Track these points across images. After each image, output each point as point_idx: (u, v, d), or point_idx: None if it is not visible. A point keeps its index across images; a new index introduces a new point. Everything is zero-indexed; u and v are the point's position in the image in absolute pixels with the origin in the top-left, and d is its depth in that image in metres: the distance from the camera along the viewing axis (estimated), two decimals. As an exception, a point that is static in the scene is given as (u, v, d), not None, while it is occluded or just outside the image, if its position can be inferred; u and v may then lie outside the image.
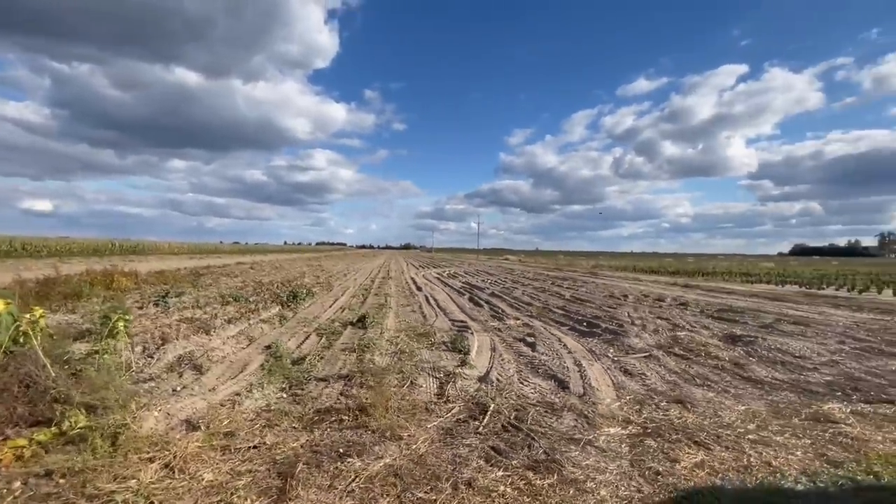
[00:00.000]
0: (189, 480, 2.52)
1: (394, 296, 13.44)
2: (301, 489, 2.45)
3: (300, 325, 8.16)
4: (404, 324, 8.37)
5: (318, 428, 3.37)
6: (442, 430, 3.35)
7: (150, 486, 2.44)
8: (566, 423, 3.51)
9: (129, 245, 54.90)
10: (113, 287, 13.43)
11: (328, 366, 5.21)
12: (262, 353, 5.88)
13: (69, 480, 2.54)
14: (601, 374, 4.96)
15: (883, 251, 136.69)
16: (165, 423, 3.41)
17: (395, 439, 3.15)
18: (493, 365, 5.27)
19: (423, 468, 2.72)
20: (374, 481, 2.55)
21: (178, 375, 4.71)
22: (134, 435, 3.10)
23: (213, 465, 2.72)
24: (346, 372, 4.89)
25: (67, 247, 44.56)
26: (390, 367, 5.07)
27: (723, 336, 7.03)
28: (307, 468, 2.66)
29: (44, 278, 12.12)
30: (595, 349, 6.21)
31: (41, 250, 40.58)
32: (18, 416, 3.30)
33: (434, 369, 5.13)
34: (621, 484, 2.52)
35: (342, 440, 3.12)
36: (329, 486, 2.51)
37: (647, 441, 3.12)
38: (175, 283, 15.52)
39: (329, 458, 2.84)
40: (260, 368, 5.07)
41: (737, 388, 4.48)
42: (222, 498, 2.37)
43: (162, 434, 3.22)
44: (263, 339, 6.79)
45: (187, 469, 2.64)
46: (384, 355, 5.65)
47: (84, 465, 2.71)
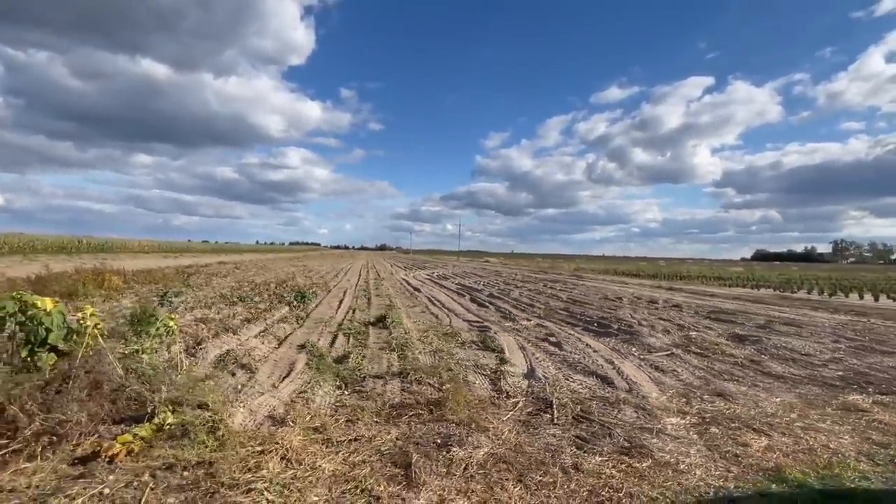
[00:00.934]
0: (312, 471, 2.65)
1: (395, 297, 13.53)
2: (424, 475, 2.62)
3: (318, 325, 8.20)
4: (422, 324, 8.52)
5: (401, 422, 3.53)
6: (519, 422, 3.57)
7: (280, 476, 2.55)
8: (628, 414, 3.79)
9: (96, 243, 52.49)
10: (105, 286, 13.01)
11: (374, 364, 5.34)
12: (300, 352, 5.94)
13: (193, 472, 2.62)
14: (635, 371, 5.28)
15: (836, 257, 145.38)
16: (252, 418, 3.50)
17: (481, 431, 3.34)
18: (531, 363, 5.52)
19: (524, 455, 2.93)
20: (488, 467, 2.75)
21: (230, 374, 4.74)
22: (230, 430, 3.18)
23: (326, 456, 2.85)
24: (396, 370, 5.04)
25: (31, 244, 42.25)
26: (437, 365, 5.24)
27: (728, 336, 7.52)
28: (420, 457, 2.82)
29: (36, 277, 11.64)
30: (618, 348, 6.55)
31: (1, 248, 38.42)
32: (105, 414, 3.33)
33: (477, 367, 5.33)
34: (709, 465, 2.80)
35: (433, 432, 3.29)
36: (447, 472, 2.69)
37: (711, 429, 3.43)
38: (166, 283, 15.13)
39: (432, 448, 3.01)
40: (307, 367, 5.15)
41: (763, 382, 4.88)
42: (355, 485, 2.51)
43: (253, 429, 3.31)
44: (291, 338, 6.82)
45: (303, 461, 2.76)
46: (423, 354, 5.81)
47: (200, 457, 2.80)
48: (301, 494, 2.37)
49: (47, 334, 4.42)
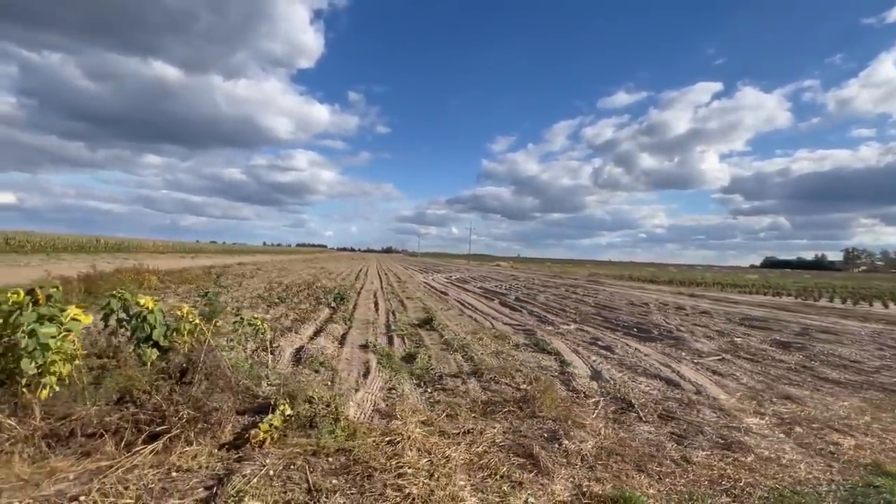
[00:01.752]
0: (445, 459, 2.88)
1: (425, 300, 13.79)
2: (549, 464, 2.85)
3: (367, 326, 8.46)
4: (466, 327, 8.75)
5: (497, 417, 3.76)
6: (609, 420, 3.80)
7: (420, 463, 2.80)
8: (707, 414, 4.00)
9: (113, 243, 53.31)
10: (144, 286, 13.40)
11: (443, 364, 5.58)
12: (366, 352, 6.20)
13: (337, 458, 2.88)
14: (694, 374, 5.48)
15: (848, 265, 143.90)
16: (361, 411, 3.75)
17: (578, 426, 3.57)
18: (592, 365, 5.74)
19: (630, 448, 3.16)
20: (602, 458, 2.98)
21: (314, 371, 5.01)
22: (349, 421, 3.44)
23: (450, 446, 3.09)
24: (468, 370, 5.28)
25: (52, 243, 43.02)
26: (505, 366, 5.47)
27: (771, 342, 7.69)
28: (539, 448, 3.06)
29: (84, 275, 12.03)
30: (667, 353, 6.75)
31: (24, 245, 39.14)
32: (230, 405, 3.59)
33: (541, 368, 5.56)
34: (809, 461, 3.01)
35: (535, 427, 3.53)
36: (567, 462, 2.93)
37: (795, 429, 3.64)
38: (198, 283, 15.51)
39: (543, 440, 3.25)
40: (381, 366, 5.40)
41: (824, 387, 5.06)
42: (491, 472, 2.75)
43: (366, 421, 3.56)
44: (349, 339, 7.07)
45: (432, 450, 3.00)
46: (486, 356, 6.04)
47: (337, 445, 3.05)
48: (448, 479, 2.61)
49: (151, 331, 4.73)
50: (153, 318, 4.75)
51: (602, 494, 2.48)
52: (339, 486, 2.51)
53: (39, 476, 2.56)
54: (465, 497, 2.43)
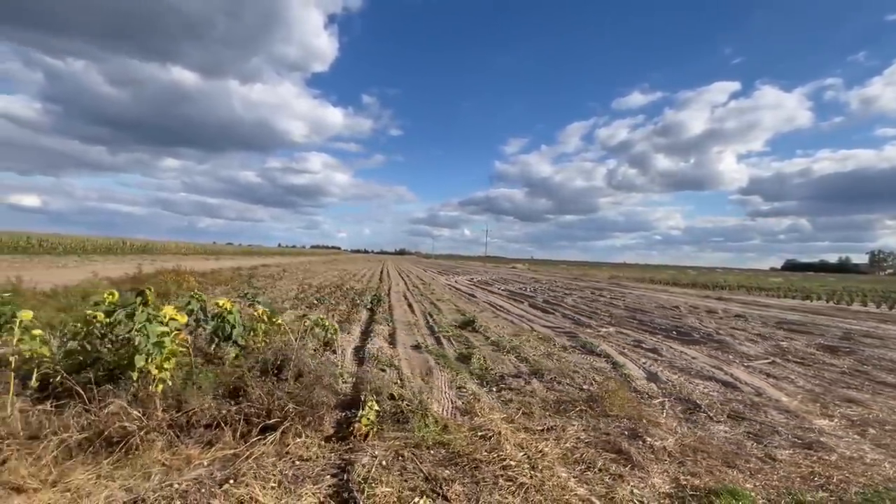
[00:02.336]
0: (540, 454, 3.05)
1: (457, 301, 13.99)
2: (639, 458, 3.01)
3: (410, 327, 8.67)
4: (506, 329, 8.91)
5: (572, 415, 3.92)
6: (681, 419, 3.93)
7: (519, 456, 2.97)
8: (774, 415, 4.10)
9: (139, 244, 54.78)
10: (183, 286, 13.82)
11: (499, 365, 5.75)
12: (419, 352, 6.41)
13: (437, 451, 3.07)
14: (749, 376, 5.55)
15: (873, 268, 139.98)
16: (442, 408, 3.95)
17: (654, 425, 3.71)
18: (644, 367, 5.85)
19: (712, 446, 3.29)
20: (688, 454, 3.12)
21: (381, 370, 5.22)
22: (435, 417, 3.63)
23: (539, 442, 3.26)
24: (526, 370, 5.45)
25: (82, 245, 44.36)
26: (562, 368, 5.62)
27: (817, 347, 7.69)
28: (626, 444, 3.21)
29: (131, 276, 12.52)
30: (714, 355, 6.82)
31: (56, 248, 40.44)
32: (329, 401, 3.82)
33: (595, 369, 5.69)
34: (892, 461, 3.11)
35: (612, 425, 3.68)
36: (655, 457, 3.07)
37: (868, 430, 3.72)
38: (232, 284, 15.94)
39: (625, 437, 3.40)
40: (439, 366, 5.59)
41: (884, 390, 5.10)
42: (588, 465, 2.92)
43: (450, 417, 3.75)
44: (398, 339, 7.28)
45: (525, 445, 3.18)
46: (539, 357, 6.20)
47: (433, 439, 3.25)
48: (551, 471, 2.78)
49: (231, 330, 5.00)
50: (232, 319, 5.03)
51: (702, 487, 2.62)
52: (452, 475, 2.70)
53: (178, 462, 2.80)
54: (573, 487, 2.60)
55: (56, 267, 21.87)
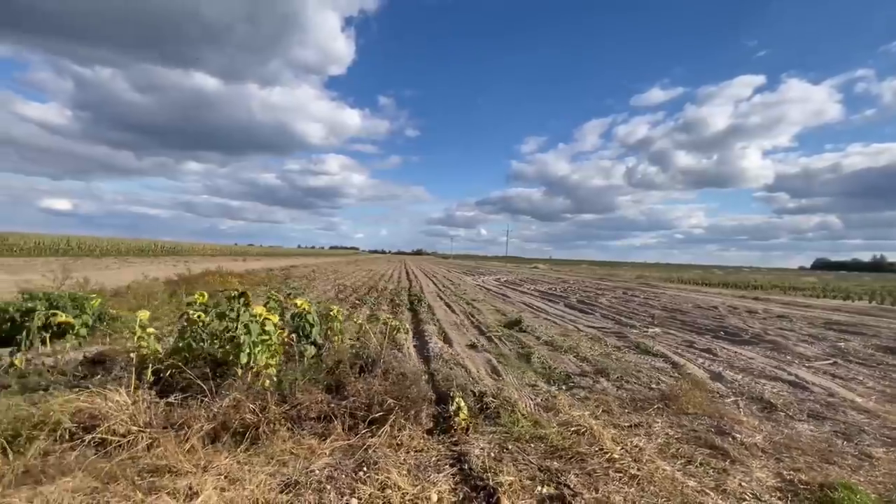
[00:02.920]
0: (638, 448, 3.19)
1: (493, 302, 14.12)
2: (735, 453, 3.11)
3: (458, 327, 8.85)
4: (553, 329, 9.00)
5: (650, 412, 4.03)
6: (760, 418, 4.00)
7: (621, 450, 3.11)
8: (854, 415, 4.13)
9: (169, 246, 56.48)
10: (227, 287, 14.23)
11: (560, 364, 5.87)
12: (477, 351, 6.58)
13: (538, 444, 3.23)
14: (814, 377, 5.54)
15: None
16: (524, 405, 4.10)
17: (736, 422, 3.80)
18: (704, 367, 5.90)
19: (801, 443, 3.37)
20: (782, 450, 3.21)
21: (449, 368, 5.40)
22: (522, 412, 3.79)
23: (632, 437, 3.39)
24: (591, 369, 5.57)
25: (116, 247, 46.00)
26: (626, 367, 5.71)
27: (876, 348, 7.57)
28: (717, 439, 3.32)
29: (179, 277, 13.05)
30: (771, 356, 6.80)
31: (94, 250, 42.07)
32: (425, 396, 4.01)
33: (656, 369, 5.76)
34: None
35: (695, 422, 3.78)
36: (749, 453, 3.17)
37: (957, 430, 3.73)
38: (271, 284, 16.39)
39: (713, 433, 3.50)
40: (502, 365, 5.75)
41: (959, 392, 5.04)
42: (688, 459, 3.04)
43: (535, 413, 3.90)
44: (452, 339, 7.46)
45: (620, 440, 3.31)
46: (596, 357, 6.30)
47: (529, 433, 3.41)
48: (654, 464, 2.91)
49: (311, 329, 5.25)
50: (311, 318, 5.28)
51: (809, 481, 2.72)
52: (562, 467, 2.85)
53: (303, 451, 3.03)
54: (681, 479, 2.73)
55: (101, 268, 22.85)
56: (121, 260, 35.72)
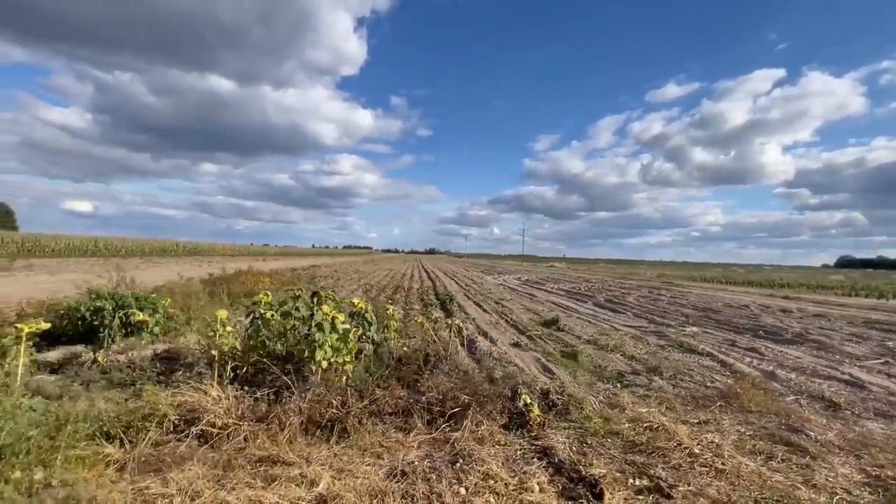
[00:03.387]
0: (716, 445, 3.25)
1: (521, 301, 14.19)
2: (813, 450, 3.16)
3: (492, 326, 8.95)
4: (589, 328, 9.04)
5: (712, 410, 4.08)
6: (824, 416, 4.02)
7: (698, 446, 3.18)
8: (922, 414, 4.12)
9: (190, 246, 57.65)
10: (259, 286, 14.54)
11: (608, 363, 5.93)
12: (524, 350, 6.68)
13: (615, 439, 3.32)
14: (868, 376, 5.51)
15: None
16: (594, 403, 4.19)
17: (805, 420, 3.83)
18: (753, 366, 5.90)
19: (876, 440, 3.41)
20: (857, 447, 3.25)
21: (502, 366, 5.51)
22: (591, 410, 3.88)
23: (703, 433, 3.46)
24: (641, 368, 5.62)
25: (140, 247, 47.12)
26: (677, 367, 5.75)
27: (925, 346, 7.45)
28: (792, 436, 3.37)
29: (216, 277, 13.40)
30: (819, 356, 6.76)
31: (119, 250, 43.19)
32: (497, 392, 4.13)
33: (706, 368, 5.79)
34: None
35: (762, 420, 3.83)
36: (826, 450, 3.21)
37: None
38: (300, 284, 16.68)
39: (785, 430, 3.55)
40: (551, 363, 5.83)
41: None
42: (767, 455, 3.10)
43: (602, 410, 3.99)
44: (493, 337, 7.56)
45: (695, 436, 3.38)
46: (644, 355, 6.34)
47: (603, 429, 3.50)
48: (737, 460, 2.97)
49: (369, 327, 5.40)
50: (369, 317, 5.44)
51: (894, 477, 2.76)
52: (647, 461, 2.94)
53: (391, 444, 3.17)
54: (767, 474, 2.79)
55: (132, 268, 23.50)
56: (146, 260, 36.63)
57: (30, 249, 32.92)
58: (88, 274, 18.32)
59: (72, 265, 23.89)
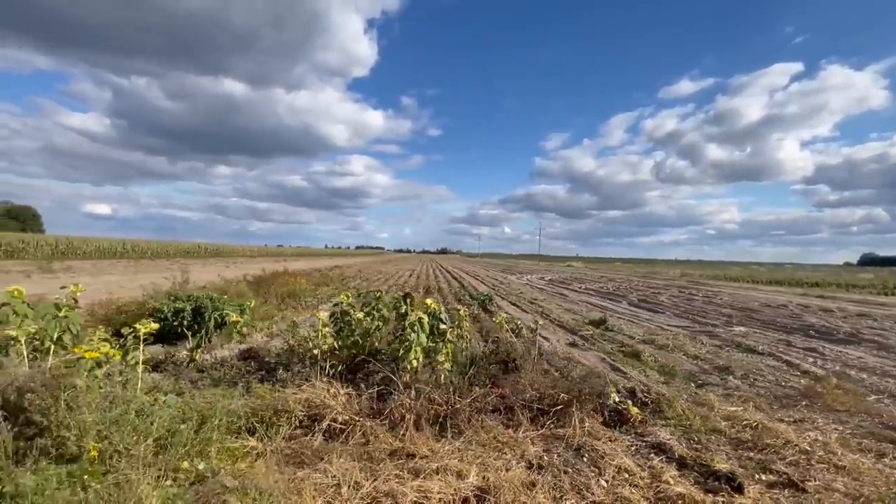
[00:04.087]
0: (822, 443, 3.33)
1: (554, 301, 14.25)
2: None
3: (540, 327, 9.05)
4: (634, 328, 9.09)
5: (799, 408, 4.16)
6: (918, 415, 4.06)
7: (800, 437, 3.26)
8: None
9: (212, 248, 58.68)
10: (297, 287, 14.81)
11: (672, 361, 6.00)
12: (584, 349, 6.78)
13: (719, 435, 3.42)
14: (941, 376, 5.49)
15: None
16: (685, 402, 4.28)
17: None
18: (820, 366, 5.92)
19: (982, 441, 3.43)
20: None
21: (573, 365, 5.62)
22: (681, 408, 3.98)
23: (803, 431, 3.53)
24: (709, 368, 5.69)
25: (165, 249, 48.08)
26: (747, 367, 5.80)
27: None
28: (887, 433, 3.43)
29: (256, 278, 13.72)
30: (883, 355, 6.73)
31: (146, 252, 44.17)
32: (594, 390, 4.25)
33: (772, 368, 5.82)
34: None
35: (855, 419, 3.89)
36: (937, 449, 3.27)
37: None
38: (333, 284, 16.99)
39: (883, 428, 3.61)
40: (617, 362, 5.92)
41: None
42: (877, 452, 3.17)
43: (691, 408, 4.08)
44: (548, 336, 7.66)
45: (799, 434, 3.46)
46: (707, 355, 6.40)
47: (706, 426, 3.60)
48: (850, 457, 3.05)
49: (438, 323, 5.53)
50: (443, 317, 5.58)
51: None
52: (763, 457, 3.04)
53: (505, 439, 3.30)
54: (888, 471, 2.87)
55: (163, 270, 24.09)
56: (172, 261, 37.47)
57: (63, 252, 33.90)
58: (125, 276, 18.88)
59: (107, 267, 24.58)
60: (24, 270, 18.87)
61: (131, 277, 17.49)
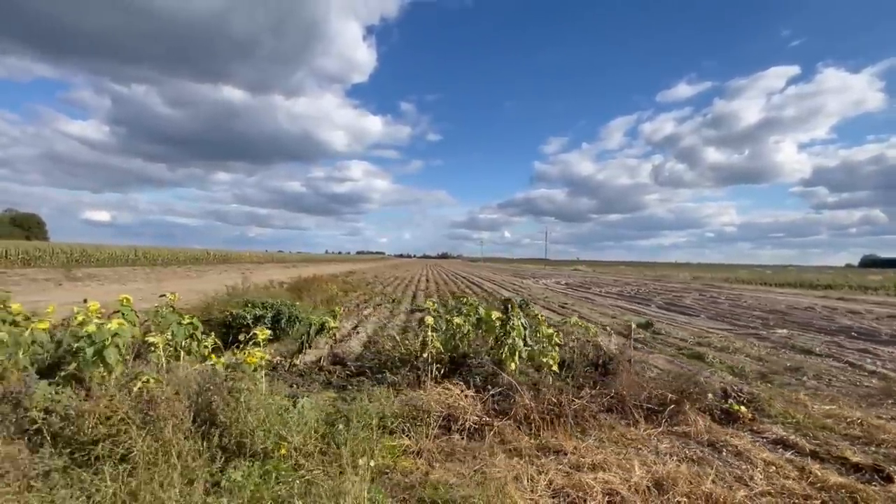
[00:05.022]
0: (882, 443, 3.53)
1: (583, 304, 14.44)
2: None
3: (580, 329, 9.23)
4: (678, 330, 9.28)
5: (887, 406, 4.35)
6: None
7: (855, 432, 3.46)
8: None
9: (220, 254, 58.79)
10: (328, 292, 14.95)
11: (736, 362, 6.20)
12: (645, 353, 6.97)
13: (829, 434, 3.61)
14: None
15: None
16: (769, 400, 4.48)
17: None
18: (881, 366, 6.12)
19: None
20: None
21: (646, 367, 5.81)
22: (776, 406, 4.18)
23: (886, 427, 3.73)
24: (779, 369, 5.89)
25: (174, 255, 48.14)
26: (816, 368, 6.00)
27: None
28: None
29: (292, 284, 13.90)
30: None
31: (157, 258, 44.26)
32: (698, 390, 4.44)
33: (838, 368, 6.02)
34: None
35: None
36: None
37: None
38: (361, 290, 17.15)
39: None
40: (688, 366, 6.11)
41: None
42: None
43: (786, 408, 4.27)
44: (600, 339, 7.84)
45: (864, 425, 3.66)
46: (765, 357, 6.60)
47: (810, 422, 3.80)
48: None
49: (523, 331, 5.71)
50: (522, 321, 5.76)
51: None
52: (889, 452, 3.23)
53: (632, 436, 3.50)
54: None
55: (182, 277, 24.27)
56: (185, 268, 37.65)
57: (77, 259, 34.02)
58: (149, 283, 19.04)
59: (127, 274, 24.74)
60: (51, 279, 19.03)
61: (156, 285, 17.65)
